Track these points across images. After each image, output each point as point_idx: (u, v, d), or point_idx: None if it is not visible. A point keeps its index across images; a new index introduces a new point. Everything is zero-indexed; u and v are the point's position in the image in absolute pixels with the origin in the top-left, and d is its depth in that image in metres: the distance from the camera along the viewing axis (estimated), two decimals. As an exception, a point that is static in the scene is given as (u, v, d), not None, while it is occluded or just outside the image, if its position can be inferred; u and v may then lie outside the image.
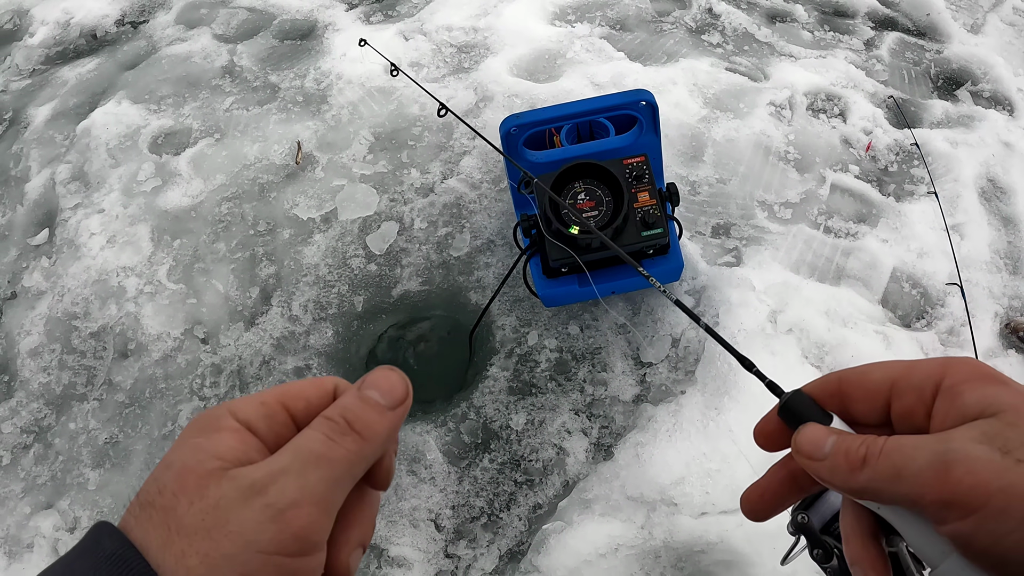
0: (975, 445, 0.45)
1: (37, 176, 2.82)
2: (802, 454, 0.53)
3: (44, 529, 2.07)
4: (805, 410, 0.55)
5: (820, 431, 0.53)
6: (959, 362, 0.50)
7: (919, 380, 0.51)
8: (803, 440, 0.53)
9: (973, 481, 0.44)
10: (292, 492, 0.45)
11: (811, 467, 0.52)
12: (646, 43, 2.95)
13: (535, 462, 2.02)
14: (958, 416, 0.48)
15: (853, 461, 0.49)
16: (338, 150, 2.65)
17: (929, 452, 0.46)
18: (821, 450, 0.51)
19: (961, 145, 2.59)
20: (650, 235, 1.93)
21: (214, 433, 0.46)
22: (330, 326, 2.28)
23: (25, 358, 2.36)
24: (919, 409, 0.50)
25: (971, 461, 0.44)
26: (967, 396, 0.48)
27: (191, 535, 0.43)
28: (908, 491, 0.46)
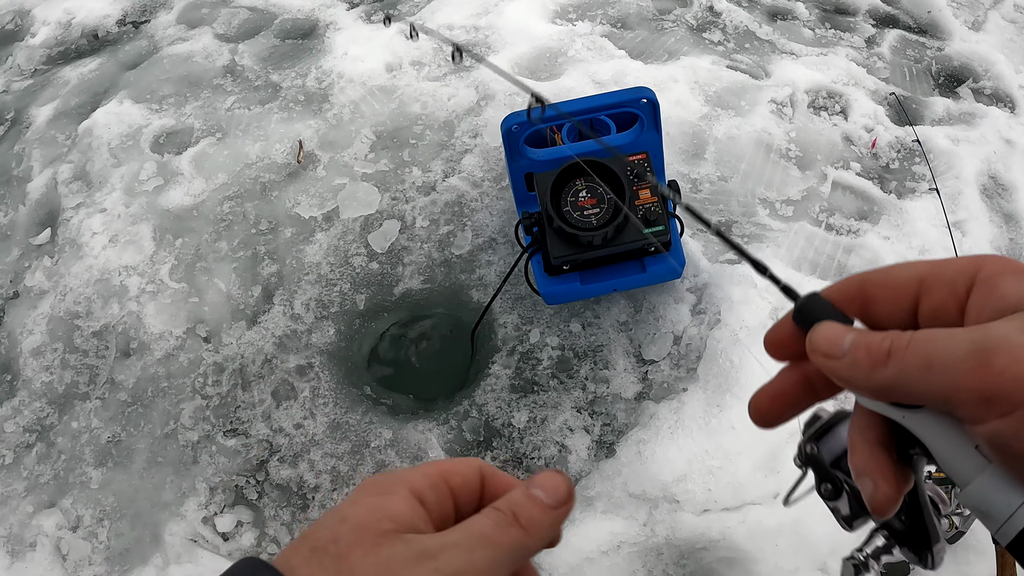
0: (1020, 335, 0.40)
1: (39, 176, 2.83)
2: (818, 352, 0.48)
3: (47, 528, 2.07)
4: (822, 313, 0.49)
5: (837, 328, 0.48)
6: (993, 257, 0.46)
7: (951, 275, 0.46)
8: (819, 337, 0.48)
9: (1019, 371, 0.39)
10: (460, 563, 0.46)
11: (828, 366, 0.47)
12: (647, 41, 2.95)
13: (537, 460, 2.02)
14: (997, 309, 0.43)
15: (877, 355, 0.44)
16: (340, 149, 2.66)
17: (967, 341, 0.41)
18: (840, 347, 0.46)
19: (962, 142, 2.59)
20: (652, 232, 1.93)
21: (389, 496, 0.49)
22: (332, 324, 2.29)
23: (28, 357, 2.37)
24: (951, 304, 0.45)
25: (1016, 350, 0.39)
26: (1006, 287, 0.43)
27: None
28: (942, 383, 0.41)
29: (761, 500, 1.88)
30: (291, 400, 2.17)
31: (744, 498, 1.88)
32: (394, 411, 2.17)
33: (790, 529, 1.82)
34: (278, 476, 2.07)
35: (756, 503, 1.87)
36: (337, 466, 2.06)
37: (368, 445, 2.08)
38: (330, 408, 2.15)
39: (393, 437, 2.08)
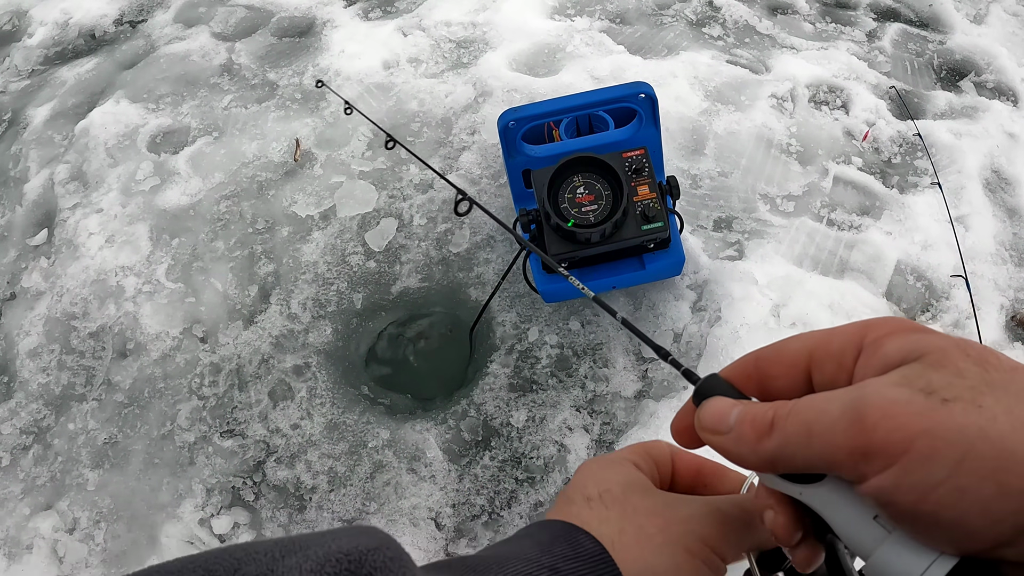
0: (893, 388, 0.40)
1: (36, 176, 2.81)
2: (705, 429, 0.48)
3: (43, 530, 2.06)
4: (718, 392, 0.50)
5: (725, 403, 0.48)
6: (880, 321, 0.45)
7: (838, 346, 0.46)
8: (706, 414, 0.49)
9: (891, 424, 0.38)
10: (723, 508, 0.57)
11: (716, 442, 0.48)
12: (646, 36, 2.93)
13: (536, 459, 2.00)
14: (880, 368, 0.42)
15: (760, 427, 0.44)
16: (336, 147, 2.64)
17: (842, 403, 0.41)
18: (725, 422, 0.47)
19: (965, 136, 2.57)
20: (650, 229, 1.91)
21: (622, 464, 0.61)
22: (329, 324, 2.27)
23: (24, 359, 2.36)
24: (841, 376, 0.45)
25: (888, 404, 0.39)
26: (888, 347, 0.43)
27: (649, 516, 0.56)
28: (821, 447, 0.41)
29: (762, 499, 1.85)
30: (288, 400, 2.16)
31: (745, 497, 1.86)
32: (392, 411, 2.15)
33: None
34: (275, 477, 2.06)
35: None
36: (334, 467, 2.04)
37: (365, 445, 2.06)
38: (327, 408, 2.13)
39: (391, 437, 2.06)
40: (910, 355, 0.41)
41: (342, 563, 0.43)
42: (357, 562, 0.43)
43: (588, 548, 0.54)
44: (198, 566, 0.42)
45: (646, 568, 0.54)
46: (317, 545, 0.44)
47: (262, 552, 0.43)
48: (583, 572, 0.52)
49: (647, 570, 0.54)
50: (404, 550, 0.47)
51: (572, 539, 0.55)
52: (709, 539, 0.55)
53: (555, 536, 0.56)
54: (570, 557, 0.53)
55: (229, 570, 0.42)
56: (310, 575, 0.42)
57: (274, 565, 0.42)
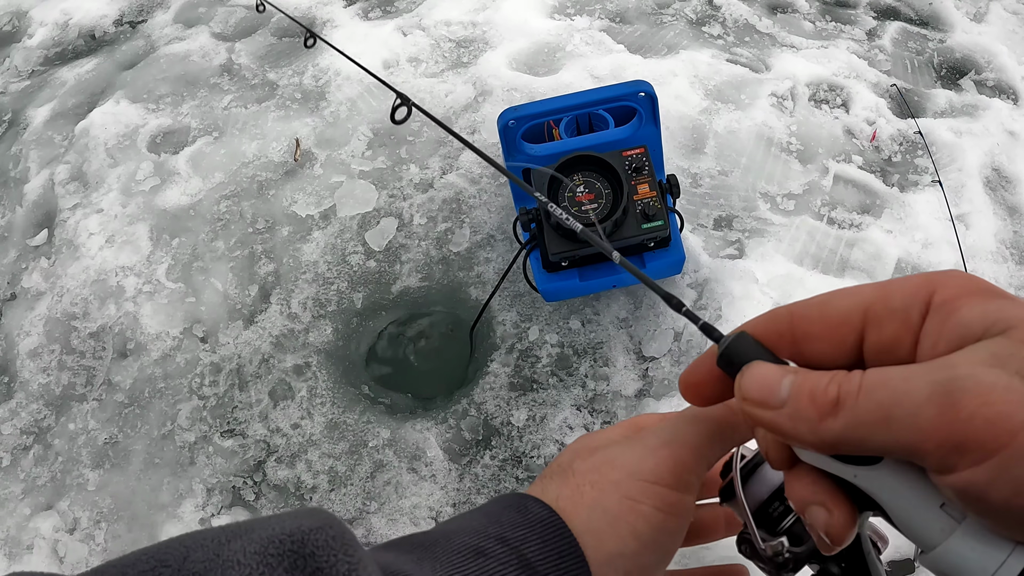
0: (987, 370, 0.34)
1: (36, 177, 2.81)
2: (751, 402, 0.41)
3: (44, 530, 2.06)
4: (751, 354, 0.43)
5: (772, 370, 0.41)
6: (947, 275, 0.40)
7: (902, 302, 0.40)
8: (751, 382, 0.42)
9: (990, 414, 0.34)
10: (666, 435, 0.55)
11: (765, 418, 0.41)
12: (646, 35, 2.92)
13: (537, 459, 2.00)
14: (956, 338, 0.37)
15: (822, 404, 0.38)
16: (337, 146, 2.64)
17: (928, 383, 0.35)
18: (776, 394, 0.40)
19: (965, 134, 2.57)
20: (650, 228, 1.91)
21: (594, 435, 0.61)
22: (329, 323, 2.27)
23: (25, 359, 2.36)
24: (905, 337, 0.39)
25: (985, 390, 0.34)
26: (966, 312, 0.37)
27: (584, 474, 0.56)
28: (903, 434, 0.36)
29: (763, 497, 1.85)
30: (288, 400, 2.16)
31: (746, 495, 1.85)
32: (392, 410, 2.15)
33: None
34: (275, 477, 2.06)
35: (758, 500, 1.85)
36: (335, 466, 2.04)
37: (366, 445, 2.06)
38: (328, 408, 2.13)
39: (391, 436, 2.06)
40: (993, 326, 0.36)
41: (285, 544, 0.43)
42: (300, 542, 0.44)
43: (537, 513, 0.54)
44: (150, 557, 0.43)
45: (585, 527, 0.53)
46: (261, 528, 0.45)
47: (209, 538, 0.44)
48: (531, 537, 0.52)
49: (587, 530, 0.53)
50: (348, 529, 0.47)
51: (521, 506, 0.55)
52: (658, 476, 0.53)
53: (504, 507, 0.56)
54: (518, 524, 0.53)
55: (179, 558, 0.42)
56: (254, 556, 0.43)
57: (220, 550, 0.43)
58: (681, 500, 0.54)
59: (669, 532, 0.54)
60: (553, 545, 0.52)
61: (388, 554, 0.51)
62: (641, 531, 0.53)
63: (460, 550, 0.51)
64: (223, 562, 0.42)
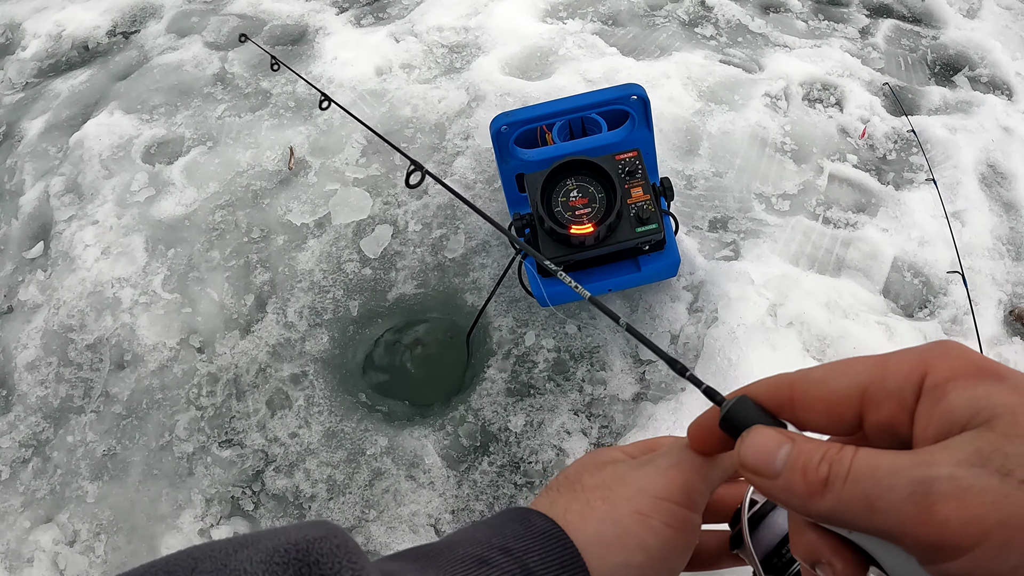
0: (966, 470, 0.36)
1: (31, 189, 2.81)
2: (749, 468, 0.44)
3: (44, 543, 2.06)
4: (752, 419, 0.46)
5: (771, 436, 0.44)
6: (941, 353, 0.41)
7: (896, 383, 0.41)
8: (749, 449, 0.44)
9: (966, 517, 0.35)
10: (675, 457, 0.56)
11: (762, 486, 0.43)
12: (639, 38, 2.92)
13: (535, 464, 1.99)
14: (944, 424, 0.39)
15: (812, 482, 0.40)
16: (331, 154, 2.64)
17: (909, 481, 0.37)
18: (772, 464, 0.42)
19: (960, 131, 2.56)
20: (645, 231, 1.90)
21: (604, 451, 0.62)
22: (326, 332, 2.27)
23: (22, 372, 2.35)
24: (902, 418, 0.41)
25: (962, 493, 0.36)
26: (953, 399, 0.39)
27: (594, 489, 0.57)
28: (884, 526, 0.38)
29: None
30: (286, 409, 2.15)
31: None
32: (390, 418, 2.15)
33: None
34: (274, 486, 2.05)
35: (757, 503, 1.84)
36: (333, 475, 2.04)
37: (364, 453, 2.06)
38: (325, 416, 2.12)
39: (389, 444, 2.06)
40: (978, 415, 0.38)
41: (290, 552, 0.44)
42: (305, 551, 0.45)
43: (539, 525, 0.55)
44: (159, 569, 0.44)
45: (593, 539, 0.54)
46: (267, 539, 0.46)
47: (217, 549, 0.45)
48: (534, 548, 0.53)
49: (595, 541, 0.54)
50: (352, 539, 0.48)
51: (524, 519, 0.57)
52: (668, 493, 0.55)
53: (508, 519, 0.57)
54: (521, 536, 0.54)
55: (187, 569, 0.43)
56: (260, 565, 0.44)
57: (227, 560, 0.44)
58: (689, 518, 0.55)
59: (676, 549, 0.55)
60: (555, 555, 0.53)
61: (393, 563, 0.52)
62: (649, 545, 0.54)
63: (464, 559, 0.52)
64: (231, 572, 0.43)
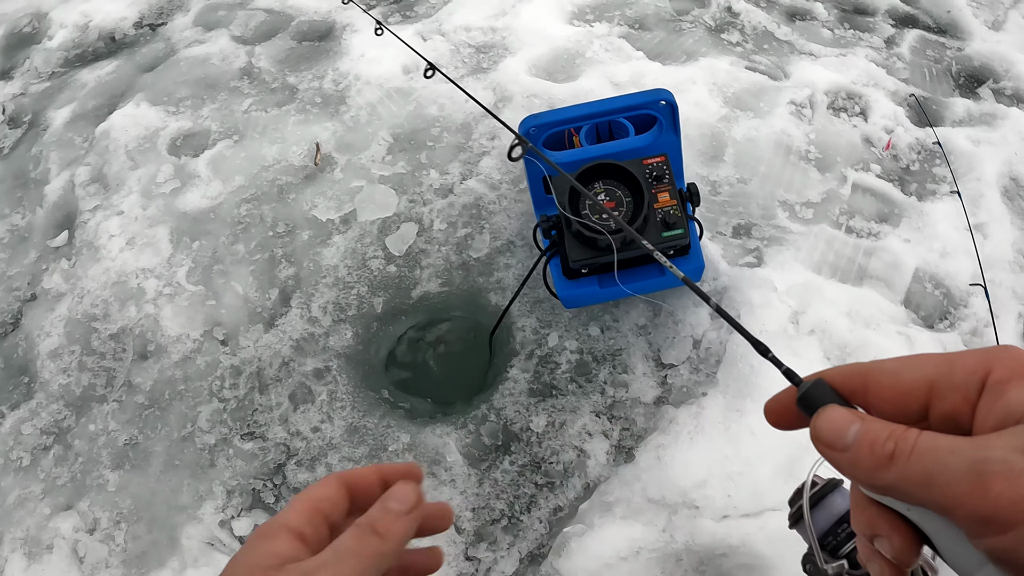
0: (1019, 456, 0.40)
1: (56, 178, 2.83)
2: (822, 441, 0.48)
3: (64, 530, 2.07)
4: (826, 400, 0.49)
5: (843, 415, 0.47)
6: (1004, 355, 0.45)
7: (962, 379, 0.45)
8: (824, 424, 0.48)
9: (1015, 495, 0.39)
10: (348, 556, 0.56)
11: (832, 458, 0.47)
12: (665, 42, 2.93)
13: (556, 464, 2.01)
14: (1002, 417, 0.43)
15: (879, 457, 0.44)
16: (357, 151, 2.65)
17: (966, 460, 0.41)
18: (843, 439, 0.46)
19: (983, 143, 2.57)
20: (670, 236, 1.91)
21: (272, 539, 0.59)
22: (349, 327, 2.28)
23: (45, 360, 2.37)
24: (965, 410, 0.45)
25: (1014, 475, 0.40)
26: (1011, 395, 0.43)
27: None
28: (940, 499, 0.42)
29: (781, 506, 1.83)
30: (308, 403, 2.17)
31: (764, 504, 1.86)
32: (412, 415, 2.16)
33: (811, 535, 1.80)
34: (295, 480, 2.07)
35: (776, 509, 1.85)
36: (355, 470, 2.05)
37: (386, 449, 2.07)
38: (347, 412, 2.14)
39: (411, 441, 2.07)
40: None
41: None
42: None
43: None
44: None
45: None
46: None
47: None
48: None
49: None
50: None
51: None
52: None
53: None
54: None
55: None
56: None
57: None
58: None
59: None
60: None
61: None
62: None
63: None
64: None
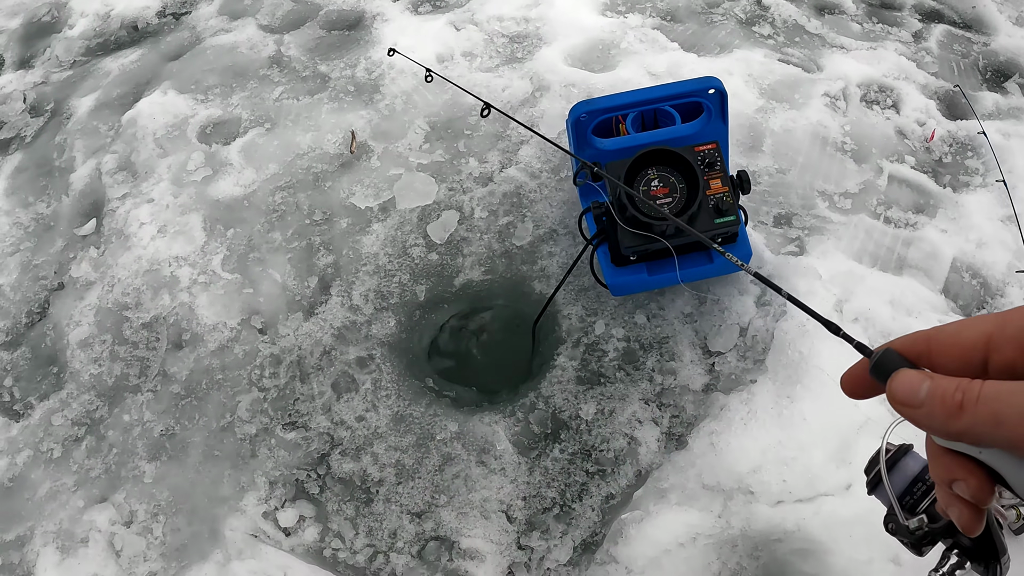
0: None
1: (82, 166, 2.79)
2: (898, 400, 0.52)
3: (100, 523, 2.04)
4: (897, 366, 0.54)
5: (914, 375, 0.52)
6: None
7: (1014, 331, 0.50)
8: (898, 386, 0.53)
9: None
10: None
11: (908, 414, 0.52)
12: (698, 34, 2.93)
13: (606, 452, 2.00)
14: None
15: (950, 407, 0.49)
16: (393, 139, 2.63)
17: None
18: (917, 396, 0.51)
19: (1013, 136, 2.59)
20: (723, 222, 1.91)
21: None
22: (392, 316, 2.26)
23: (75, 349, 2.33)
24: (1020, 359, 0.50)
25: None
26: None
27: None
28: (1009, 436, 0.46)
29: (834, 491, 1.86)
30: (352, 392, 2.15)
31: (818, 489, 1.86)
32: (458, 403, 2.15)
33: (864, 520, 1.80)
34: (340, 470, 2.04)
35: (830, 494, 1.85)
36: (402, 459, 2.03)
37: (433, 438, 2.05)
38: (393, 400, 2.12)
39: (459, 430, 2.05)
40: None
41: None
42: None
43: None
44: None
45: None
46: None
47: None
48: None
49: None
50: None
51: None
52: None
53: None
54: None
55: None
56: None
57: None
58: None
59: None
60: None
61: None
62: None
63: None
64: None
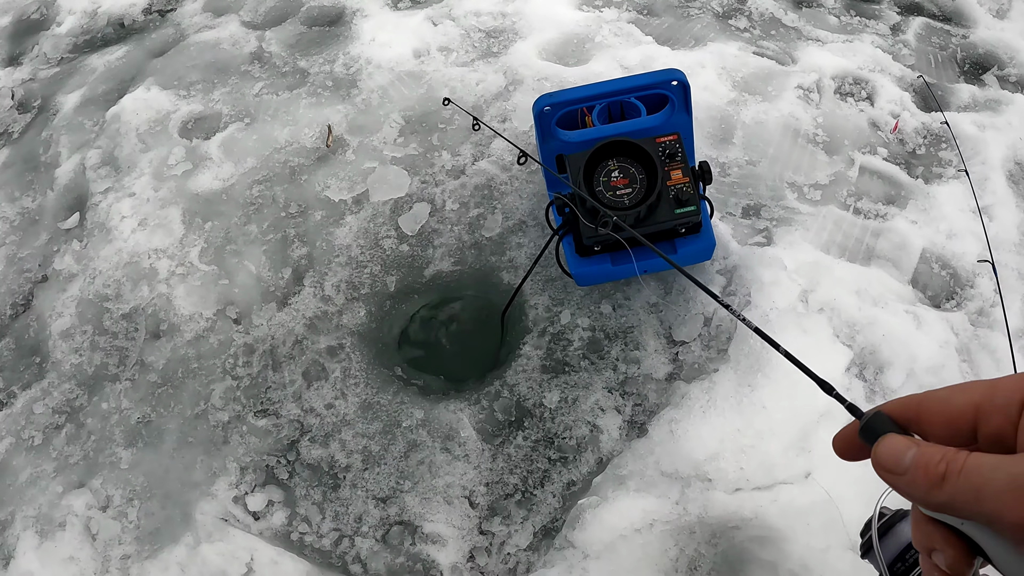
0: None
1: (67, 161, 2.84)
2: (882, 467, 0.53)
3: (77, 508, 2.08)
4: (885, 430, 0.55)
5: (900, 442, 0.53)
6: None
7: (1004, 400, 0.51)
8: (883, 451, 0.53)
9: None
10: None
11: (891, 481, 0.53)
12: (673, 27, 2.95)
13: (569, 439, 2.02)
14: None
15: (933, 478, 0.50)
16: (369, 133, 2.67)
17: (1008, 475, 0.46)
18: (901, 463, 0.52)
19: (988, 128, 2.59)
20: (683, 212, 1.93)
21: None
22: (363, 306, 2.29)
23: (57, 339, 2.38)
24: (1008, 429, 0.50)
25: None
26: None
27: None
28: (988, 511, 0.47)
29: (793, 479, 1.87)
30: (322, 381, 2.18)
31: (776, 477, 1.88)
32: (425, 392, 2.18)
33: (821, 508, 1.82)
34: (309, 456, 2.08)
35: (788, 482, 1.87)
36: (368, 446, 2.07)
37: (399, 425, 2.08)
38: (361, 388, 2.15)
39: (424, 417, 2.08)
40: None
41: None
42: None
43: None
44: None
45: None
46: None
47: None
48: None
49: None
50: None
51: None
52: None
53: None
54: None
55: None
56: None
57: None
58: None
59: None
60: None
61: None
62: None
63: None
64: None
